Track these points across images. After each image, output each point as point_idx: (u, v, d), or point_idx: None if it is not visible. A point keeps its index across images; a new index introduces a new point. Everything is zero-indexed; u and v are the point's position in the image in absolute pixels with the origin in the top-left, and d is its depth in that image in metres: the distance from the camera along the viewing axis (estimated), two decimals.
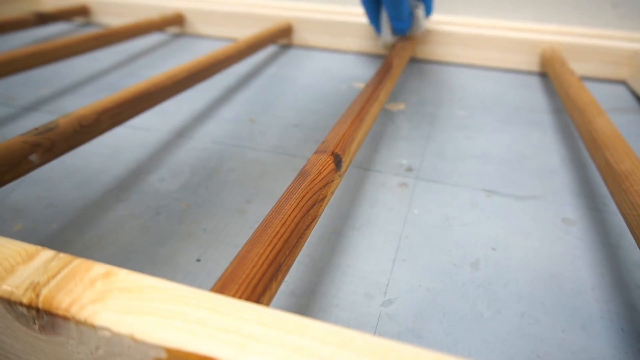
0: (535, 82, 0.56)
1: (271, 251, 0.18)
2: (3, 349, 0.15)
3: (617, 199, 0.25)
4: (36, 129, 0.28)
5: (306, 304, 0.24)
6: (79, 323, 0.13)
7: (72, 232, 0.29)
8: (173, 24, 0.71)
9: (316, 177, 0.24)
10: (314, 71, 0.58)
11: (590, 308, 0.24)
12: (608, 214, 0.31)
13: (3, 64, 0.43)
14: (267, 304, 0.17)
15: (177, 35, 0.74)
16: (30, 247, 0.15)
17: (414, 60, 0.63)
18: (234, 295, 0.15)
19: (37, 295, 0.13)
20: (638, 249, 0.28)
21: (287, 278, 0.25)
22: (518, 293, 0.25)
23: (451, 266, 0.26)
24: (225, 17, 0.70)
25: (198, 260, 0.27)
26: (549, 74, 0.52)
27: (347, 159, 0.28)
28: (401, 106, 0.48)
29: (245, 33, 0.69)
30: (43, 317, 0.13)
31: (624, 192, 0.24)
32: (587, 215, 0.31)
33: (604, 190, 0.34)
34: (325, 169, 0.25)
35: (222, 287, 0.16)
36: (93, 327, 0.12)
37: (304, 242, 0.21)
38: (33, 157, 0.26)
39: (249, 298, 0.16)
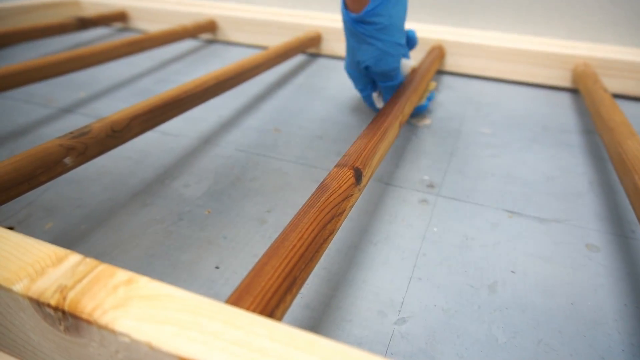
0: (566, 99, 0.55)
1: (287, 264, 0.18)
2: (31, 346, 0.16)
3: None
4: (71, 132, 0.29)
5: (320, 318, 0.24)
6: (100, 327, 0.13)
7: (99, 234, 0.30)
8: (205, 30, 0.73)
9: (336, 191, 0.24)
10: (340, 82, 0.58)
11: (611, 340, 0.23)
12: (636, 241, 0.30)
13: (45, 68, 0.45)
14: (281, 316, 0.17)
15: (210, 42, 0.76)
16: (60, 251, 0.16)
17: (441, 73, 0.63)
18: (248, 308, 0.16)
19: (64, 298, 0.14)
20: None
21: (302, 290, 0.26)
22: (536, 319, 0.24)
23: (468, 287, 0.26)
24: (256, 25, 0.72)
25: (217, 267, 0.27)
26: (581, 91, 0.51)
27: (368, 173, 0.28)
28: (427, 121, 0.47)
29: (275, 41, 0.70)
30: (68, 319, 0.14)
31: None
32: (613, 241, 0.30)
33: (633, 216, 0.33)
34: (345, 182, 0.25)
35: (237, 298, 0.16)
36: (113, 333, 0.13)
37: (321, 256, 0.21)
38: (67, 160, 0.27)
39: (263, 310, 0.16)
